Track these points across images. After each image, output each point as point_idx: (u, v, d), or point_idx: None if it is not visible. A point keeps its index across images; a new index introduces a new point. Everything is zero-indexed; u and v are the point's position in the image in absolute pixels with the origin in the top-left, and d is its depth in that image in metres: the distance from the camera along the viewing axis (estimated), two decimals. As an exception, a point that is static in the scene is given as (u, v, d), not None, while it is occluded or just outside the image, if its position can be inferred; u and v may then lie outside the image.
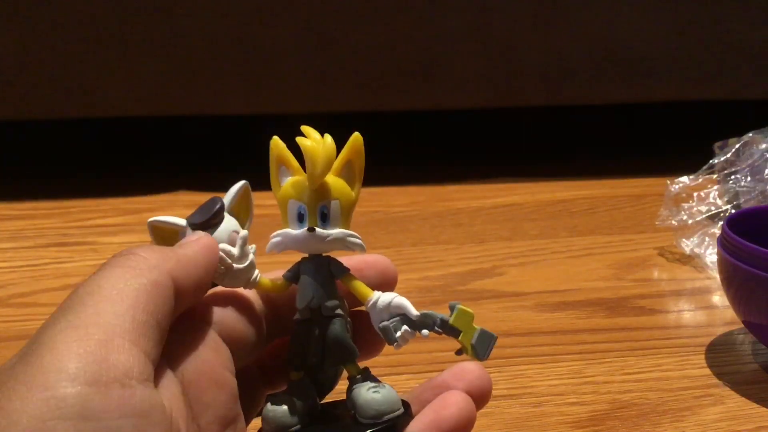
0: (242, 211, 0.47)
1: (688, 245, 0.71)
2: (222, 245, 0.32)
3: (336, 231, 0.32)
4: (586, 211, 0.86)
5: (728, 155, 0.73)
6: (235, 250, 0.32)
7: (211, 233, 0.40)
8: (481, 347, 0.34)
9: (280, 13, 0.89)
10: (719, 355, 0.54)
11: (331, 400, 0.34)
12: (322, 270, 0.33)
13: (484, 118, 1.20)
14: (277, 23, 0.89)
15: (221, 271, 0.32)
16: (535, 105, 0.99)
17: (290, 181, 0.33)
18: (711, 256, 0.68)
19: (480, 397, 0.33)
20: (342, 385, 0.34)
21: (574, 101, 0.98)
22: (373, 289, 0.33)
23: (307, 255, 0.33)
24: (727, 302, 0.54)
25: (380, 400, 0.32)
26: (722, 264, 0.51)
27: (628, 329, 0.58)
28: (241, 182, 0.47)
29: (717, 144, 0.77)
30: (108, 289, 0.27)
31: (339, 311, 0.33)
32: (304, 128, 0.33)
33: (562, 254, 0.73)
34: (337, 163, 0.33)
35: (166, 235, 0.45)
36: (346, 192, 0.33)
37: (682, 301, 0.64)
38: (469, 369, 0.33)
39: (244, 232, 0.33)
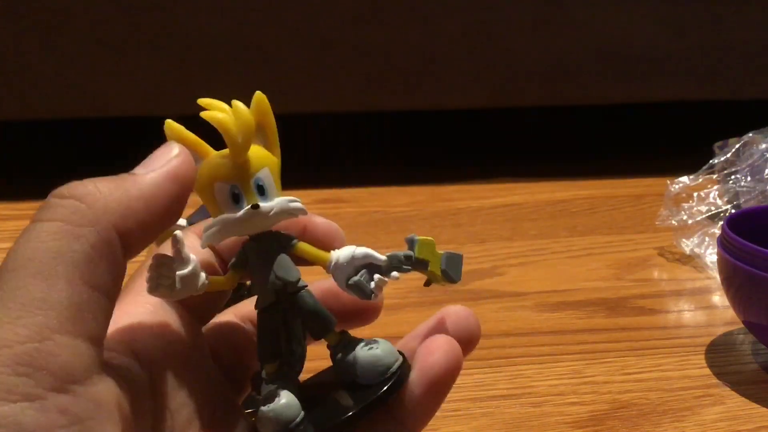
0: None
1: (688, 245, 0.71)
2: (157, 256, 0.28)
3: (276, 201, 0.28)
4: (586, 211, 0.86)
5: (728, 155, 0.73)
6: (171, 252, 0.28)
7: None
8: (453, 270, 0.32)
9: (280, 13, 0.89)
10: (719, 355, 0.54)
11: (306, 378, 0.32)
12: (272, 247, 0.29)
13: (484, 118, 1.20)
14: (277, 23, 0.89)
15: (165, 284, 0.27)
16: (535, 105, 0.99)
17: (206, 164, 0.29)
18: (711, 256, 0.68)
19: (468, 339, 0.30)
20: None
21: (574, 101, 0.98)
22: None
23: (246, 237, 0.29)
24: (727, 302, 0.54)
25: (382, 355, 0.29)
26: (722, 264, 0.51)
27: (628, 329, 0.58)
28: None
29: (717, 144, 0.77)
30: (37, 263, 0.22)
31: (303, 282, 0.29)
32: (203, 101, 0.29)
33: (562, 254, 0.73)
34: None
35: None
36: (270, 157, 0.29)
37: (682, 301, 0.64)
38: (454, 311, 0.31)
39: (177, 233, 0.28)
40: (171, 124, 0.29)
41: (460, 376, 0.30)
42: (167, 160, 0.27)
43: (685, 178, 0.74)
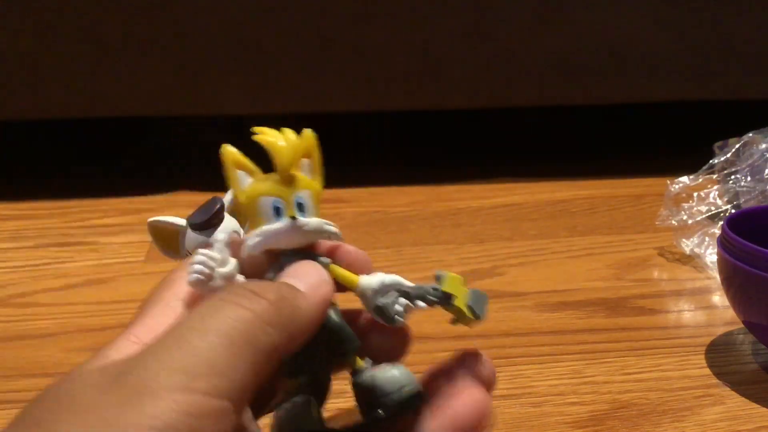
0: None
1: (688, 245, 0.71)
2: (204, 252, 0.30)
3: (314, 219, 0.30)
4: (586, 211, 0.86)
5: (728, 155, 0.73)
6: (216, 254, 0.30)
7: (212, 233, 0.40)
8: (478, 306, 0.32)
9: (281, 13, 0.89)
10: (719, 355, 0.54)
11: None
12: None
13: (484, 118, 1.20)
14: (277, 23, 0.89)
15: (203, 279, 0.29)
16: (535, 105, 0.99)
17: (254, 182, 0.31)
18: (711, 256, 0.68)
19: (490, 386, 0.31)
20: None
21: (574, 101, 0.98)
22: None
23: (285, 252, 0.31)
24: (727, 302, 0.54)
25: (399, 375, 0.30)
26: (722, 264, 0.51)
27: (628, 329, 0.58)
28: None
29: (717, 144, 0.77)
30: (225, 335, 0.25)
31: (332, 302, 0.30)
32: (257, 128, 0.32)
33: (562, 254, 0.73)
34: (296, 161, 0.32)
35: (165, 236, 0.45)
36: (313, 183, 0.32)
37: (682, 301, 0.64)
38: (475, 356, 0.31)
39: (221, 236, 0.32)
40: (228, 148, 0.32)
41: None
42: (321, 281, 0.29)
43: (685, 178, 0.74)
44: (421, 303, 0.30)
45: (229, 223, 0.45)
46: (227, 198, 0.45)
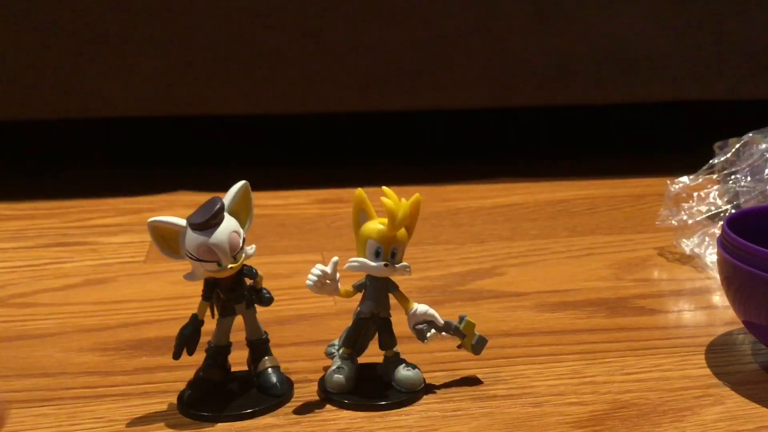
0: (242, 211, 0.47)
1: (688, 245, 0.71)
2: (320, 266, 0.45)
3: (399, 265, 0.47)
4: (586, 211, 0.86)
5: (728, 155, 0.73)
6: (329, 270, 0.46)
7: (212, 233, 0.42)
8: (477, 348, 0.49)
9: (280, 13, 0.89)
10: (719, 355, 0.54)
11: (363, 362, 0.50)
12: (382, 286, 0.48)
13: (484, 118, 1.20)
14: (277, 23, 0.89)
15: (318, 284, 0.46)
16: (535, 105, 0.99)
17: (371, 225, 0.47)
18: (711, 256, 0.68)
19: None
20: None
21: (574, 101, 0.98)
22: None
23: (370, 276, 0.48)
24: (727, 302, 0.54)
25: (413, 377, 0.48)
26: (722, 264, 0.51)
27: (628, 329, 0.58)
28: (241, 182, 0.47)
29: (717, 144, 0.77)
30: None
31: (388, 315, 0.48)
32: (385, 189, 0.46)
33: (562, 254, 0.73)
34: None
35: (166, 235, 0.46)
36: (406, 238, 0.48)
37: (682, 301, 0.64)
38: None
39: (335, 259, 0.46)
40: (360, 192, 0.47)
41: (460, 376, 0.30)
42: None
43: (685, 178, 0.74)
44: (444, 333, 0.49)
45: (229, 223, 0.46)
46: (227, 198, 0.46)
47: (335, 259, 0.46)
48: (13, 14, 0.86)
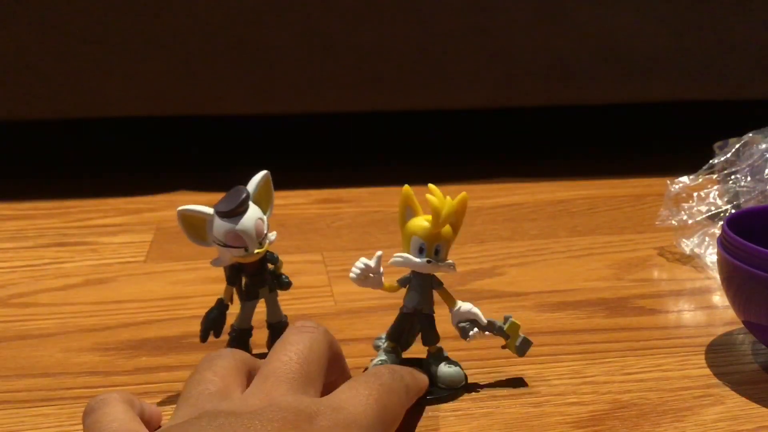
0: (263, 200, 0.49)
1: (688, 245, 0.71)
2: (363, 260, 0.46)
3: (443, 263, 0.47)
4: (586, 211, 0.86)
5: (728, 155, 0.73)
6: (373, 264, 0.46)
7: (238, 220, 0.46)
8: (521, 350, 0.50)
9: (281, 13, 0.89)
10: (719, 355, 0.54)
11: (408, 356, 0.50)
12: (426, 283, 0.48)
13: (484, 118, 1.20)
14: (277, 23, 0.89)
15: (362, 277, 0.46)
16: (535, 105, 0.99)
17: (416, 222, 0.47)
18: (711, 256, 0.68)
19: None
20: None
21: (574, 101, 0.98)
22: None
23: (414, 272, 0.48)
24: (727, 302, 0.54)
25: (453, 374, 0.49)
26: (722, 264, 0.51)
27: (628, 329, 0.58)
28: (263, 172, 0.49)
29: (717, 144, 0.77)
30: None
31: (432, 312, 0.49)
32: (431, 187, 0.46)
33: (562, 254, 0.73)
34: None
35: (195, 223, 0.48)
36: (452, 236, 0.47)
37: (682, 301, 0.64)
38: None
39: (379, 253, 0.46)
40: (408, 189, 0.47)
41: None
42: (424, 382, 0.47)
43: (685, 178, 0.74)
44: (487, 333, 0.49)
45: (253, 211, 0.48)
46: (251, 187, 0.48)
47: (379, 253, 0.46)
48: (13, 14, 0.86)
